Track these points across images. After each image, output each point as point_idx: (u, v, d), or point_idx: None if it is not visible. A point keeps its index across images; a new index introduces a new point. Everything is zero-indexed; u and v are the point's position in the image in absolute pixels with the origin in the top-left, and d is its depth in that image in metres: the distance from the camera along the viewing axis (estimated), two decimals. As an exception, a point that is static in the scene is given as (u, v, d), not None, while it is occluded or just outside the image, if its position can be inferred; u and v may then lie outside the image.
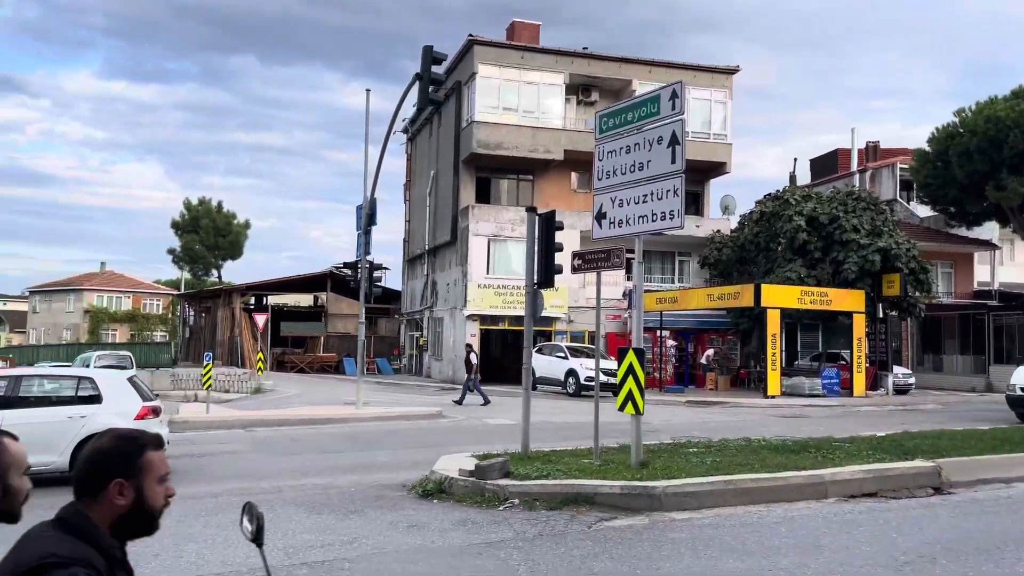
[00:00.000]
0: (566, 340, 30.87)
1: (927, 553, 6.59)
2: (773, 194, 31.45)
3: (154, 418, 10.50)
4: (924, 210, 38.22)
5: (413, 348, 40.06)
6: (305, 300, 56.88)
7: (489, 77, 32.40)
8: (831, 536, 7.16)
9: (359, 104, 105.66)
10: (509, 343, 33.97)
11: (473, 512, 8.07)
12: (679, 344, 31.87)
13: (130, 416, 10.07)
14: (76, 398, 10.34)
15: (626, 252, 10.41)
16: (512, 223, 31.43)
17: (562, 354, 27.02)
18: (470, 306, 31.22)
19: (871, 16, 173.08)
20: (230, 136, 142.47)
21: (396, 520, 7.77)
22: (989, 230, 36.61)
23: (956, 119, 31.56)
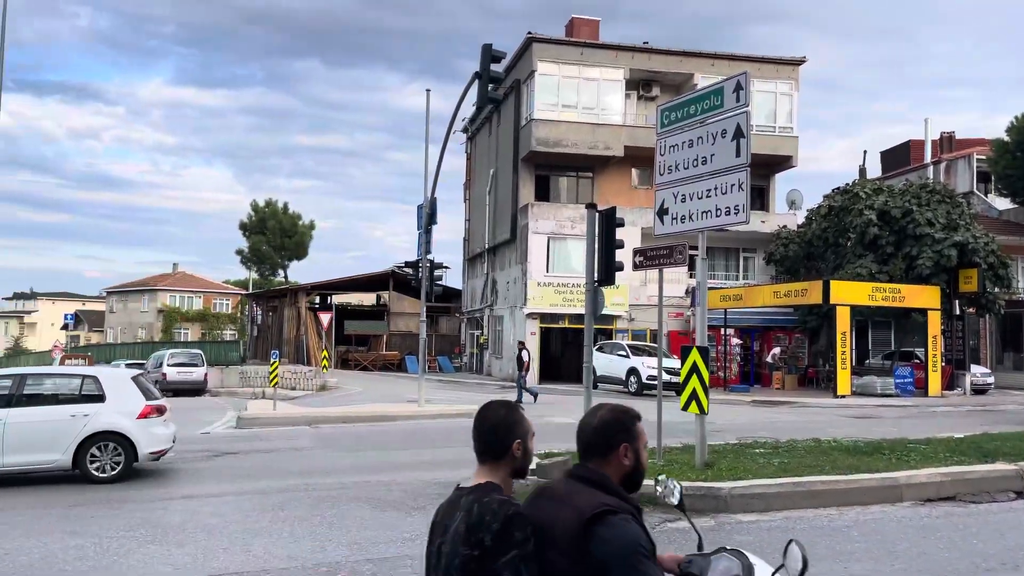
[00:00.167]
0: (627, 338, 30.59)
1: (1010, 560, 6.28)
2: (842, 188, 30.62)
3: (158, 417, 10.53)
4: (1003, 203, 36.64)
5: (473, 346, 40.25)
6: (368, 299, 57.76)
7: (548, 74, 32.29)
8: (907, 541, 6.88)
9: (420, 105, 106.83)
10: (569, 341, 33.84)
11: (534, 511, 8.02)
12: (744, 342, 31.25)
13: (133, 414, 10.16)
14: (80, 397, 10.30)
15: (689, 248, 10.19)
16: (572, 221, 31.29)
17: (623, 352, 26.77)
18: (530, 304, 31.19)
19: (943, 1, 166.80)
20: (294, 139, 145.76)
21: (458, 518, 7.77)
22: (1074, 222, 34.85)
23: (1038, 107, 30.11)
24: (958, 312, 28.19)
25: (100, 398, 10.22)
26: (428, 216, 20.89)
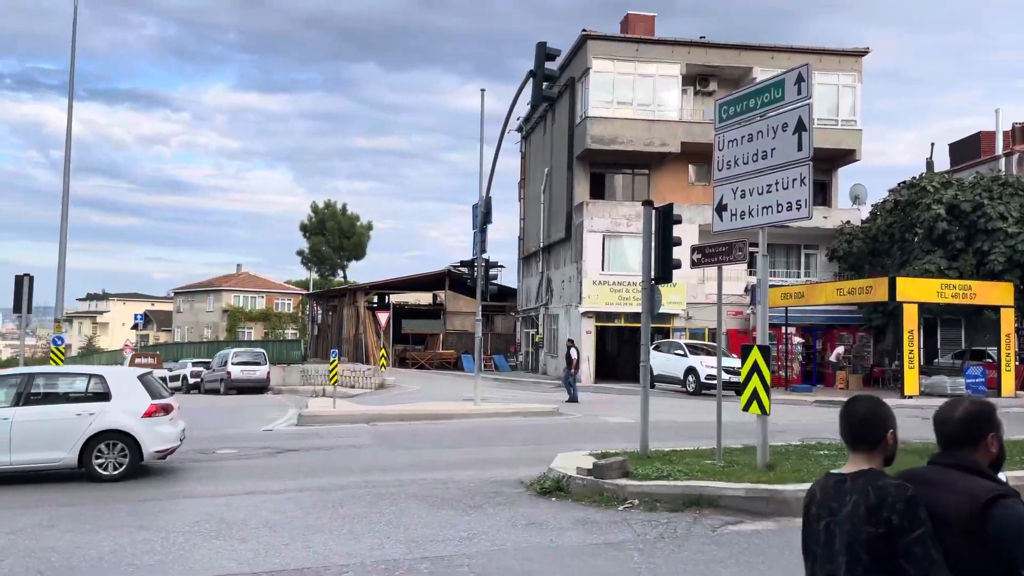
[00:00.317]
0: (685, 337, 30.20)
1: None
2: (908, 182, 29.65)
3: (164, 415, 10.53)
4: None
5: (529, 345, 40.25)
6: (425, 298, 58.28)
7: (603, 71, 32.07)
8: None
9: (474, 105, 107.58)
10: (625, 340, 33.57)
11: (592, 511, 7.95)
12: (806, 341, 30.51)
13: (138, 413, 10.21)
14: (86, 396, 10.38)
15: (749, 245, 9.97)
16: (627, 218, 31.03)
17: (681, 351, 26.41)
18: (585, 303, 31.04)
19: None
20: (352, 141, 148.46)
21: (514, 517, 7.76)
22: None
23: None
24: (1034, 309, 27.02)
25: (106, 397, 10.28)
26: (483, 215, 20.94)
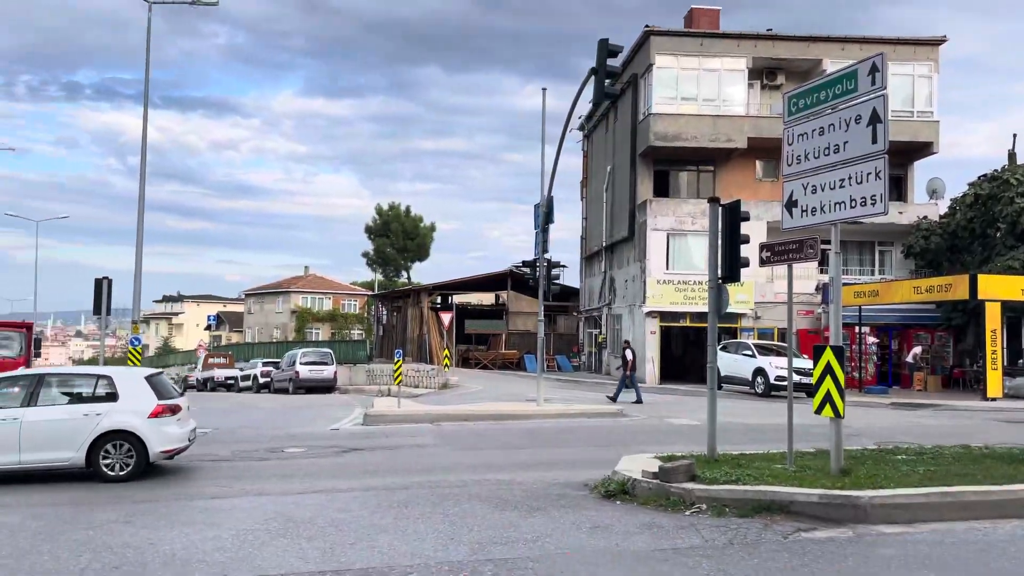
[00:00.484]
0: (753, 337, 29.57)
1: None
2: (990, 175, 28.41)
3: (170, 416, 10.60)
4: None
5: (592, 345, 40.01)
6: (487, 299, 58.55)
7: (666, 67, 31.65)
8: (1078, 562, 6.20)
9: (536, 105, 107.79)
10: (691, 341, 33.05)
11: (658, 516, 7.79)
12: (881, 341, 29.51)
13: (144, 414, 10.32)
14: (94, 396, 10.51)
15: (820, 242, 9.63)
16: (692, 216, 30.56)
17: (749, 352, 25.84)
18: (649, 303, 30.67)
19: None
20: (416, 144, 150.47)
21: (579, 520, 7.66)
22: None
23: None
24: None
25: (113, 397, 10.43)
26: (544, 215, 20.86)
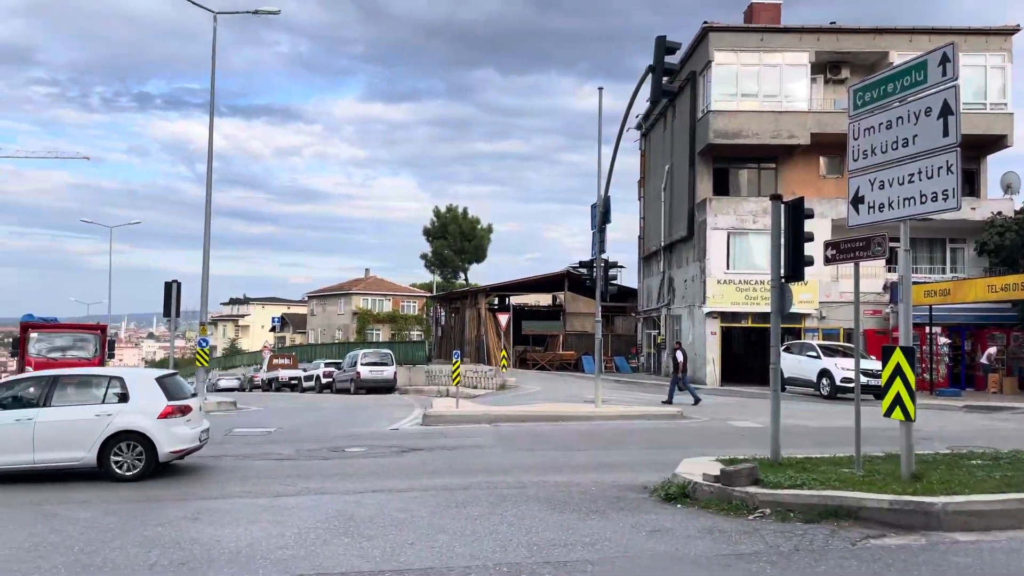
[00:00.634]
0: (817, 338, 28.86)
1: None
2: (1070, 167, 27.10)
3: (180, 417, 10.74)
4: None
5: (650, 346, 39.60)
6: (544, 300, 58.51)
7: (725, 64, 31.13)
8: None
9: (592, 106, 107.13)
10: (752, 342, 32.44)
11: (719, 520, 7.64)
12: (953, 342, 28.46)
13: (154, 414, 10.47)
14: (105, 397, 10.65)
15: (888, 240, 9.32)
16: (753, 214, 30.01)
17: (814, 353, 25.22)
18: (709, 303, 30.21)
19: None
20: (473, 146, 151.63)
21: (638, 523, 7.56)
22: None
23: None
24: None
25: (124, 398, 10.61)
26: (602, 215, 20.73)
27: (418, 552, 6.61)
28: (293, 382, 42.61)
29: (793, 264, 9.96)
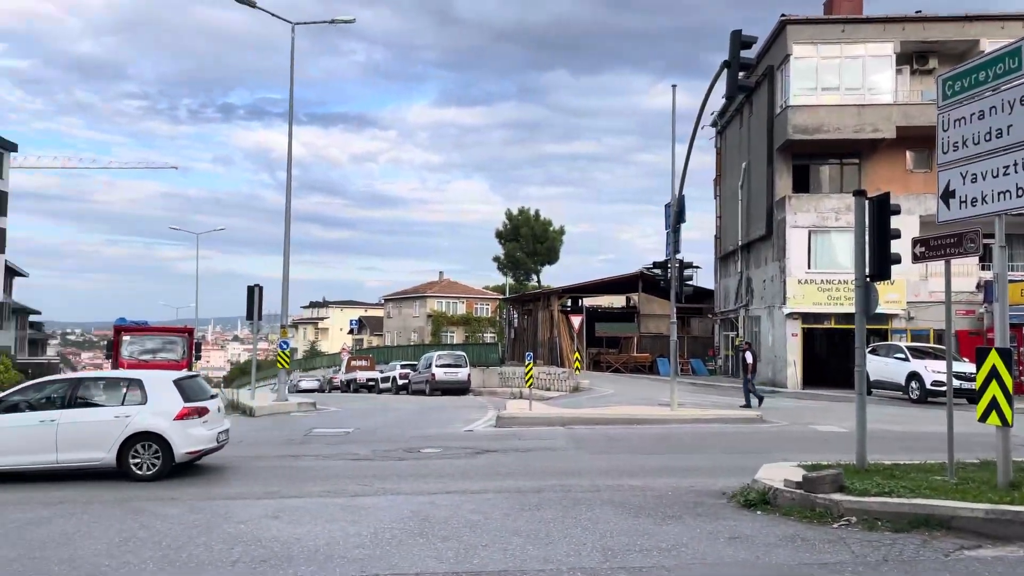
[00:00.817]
0: (905, 339, 27.73)
1: None
2: None
3: (196, 418, 10.92)
4: None
5: (728, 348, 38.77)
6: (618, 301, 58.00)
7: (804, 57, 30.22)
8: None
9: (665, 104, 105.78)
10: (836, 343, 31.39)
11: (802, 528, 7.39)
12: (1053, 343, 26.88)
13: (171, 416, 10.68)
14: (125, 399, 10.92)
15: (982, 236, 8.85)
16: (835, 212, 29.08)
17: (902, 355, 24.24)
18: (790, 303, 29.38)
19: None
20: (545, 148, 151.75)
21: (716, 530, 7.38)
22: None
23: None
24: None
25: (143, 400, 10.87)
26: (676, 215, 20.39)
27: (491, 554, 6.60)
28: (370, 383, 43.40)
29: (879, 262, 9.58)
